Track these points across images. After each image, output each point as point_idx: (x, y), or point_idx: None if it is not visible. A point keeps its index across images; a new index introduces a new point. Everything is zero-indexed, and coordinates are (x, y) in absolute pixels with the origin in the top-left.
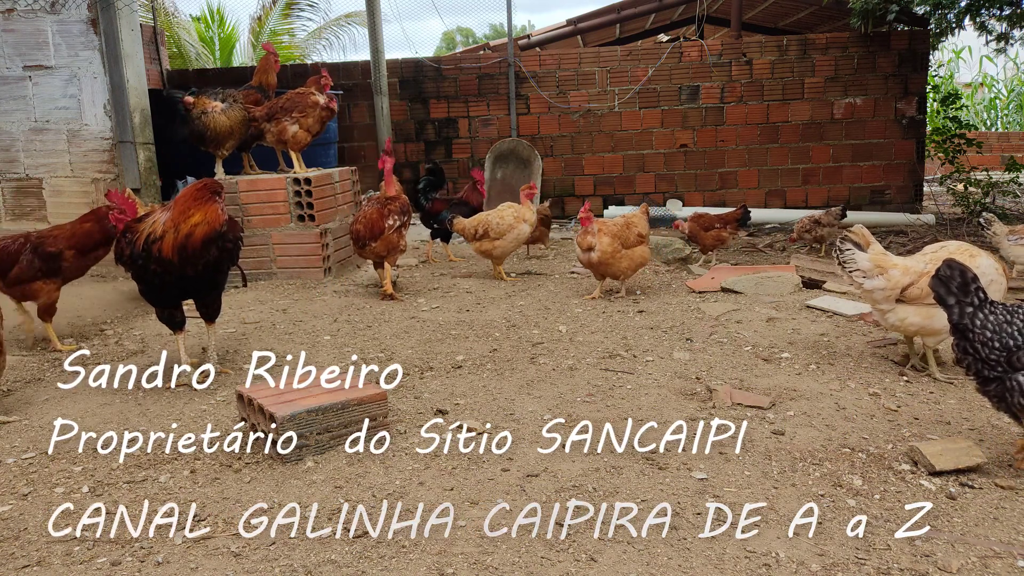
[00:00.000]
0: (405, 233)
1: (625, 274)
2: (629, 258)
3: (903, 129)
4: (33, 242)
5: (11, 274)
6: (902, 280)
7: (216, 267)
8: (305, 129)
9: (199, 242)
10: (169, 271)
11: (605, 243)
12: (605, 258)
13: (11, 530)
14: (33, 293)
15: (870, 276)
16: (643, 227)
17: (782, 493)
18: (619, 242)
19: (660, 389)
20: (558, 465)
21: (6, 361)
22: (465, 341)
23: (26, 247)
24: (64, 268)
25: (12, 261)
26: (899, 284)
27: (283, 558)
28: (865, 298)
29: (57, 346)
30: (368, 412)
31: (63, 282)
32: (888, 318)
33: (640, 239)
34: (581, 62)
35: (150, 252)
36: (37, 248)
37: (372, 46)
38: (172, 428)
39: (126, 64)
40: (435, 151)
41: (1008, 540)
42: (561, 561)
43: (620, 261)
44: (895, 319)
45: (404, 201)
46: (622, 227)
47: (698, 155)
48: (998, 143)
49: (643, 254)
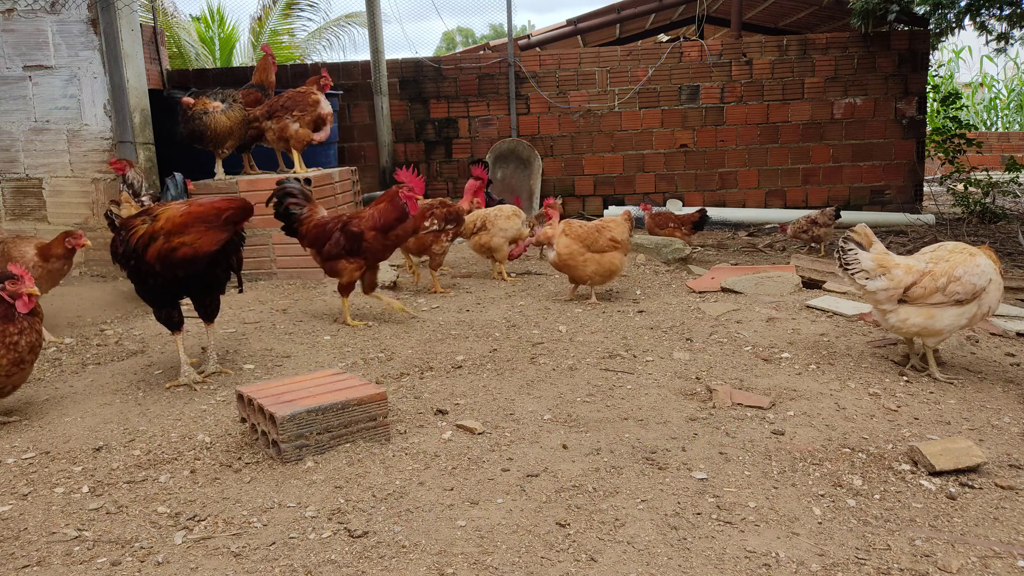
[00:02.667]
0: (445, 240)
1: (592, 279)
2: (597, 263)
3: (903, 129)
4: (344, 221)
5: (324, 249)
6: (905, 279)
7: (206, 274)
8: (306, 127)
9: (178, 259)
10: (159, 273)
11: (563, 244)
12: (563, 260)
13: (11, 530)
14: (337, 271)
15: (872, 276)
16: (619, 232)
17: (782, 493)
18: (582, 245)
19: (660, 389)
20: (558, 465)
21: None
22: (465, 341)
23: (337, 226)
24: (366, 249)
25: (326, 238)
26: (902, 284)
27: (283, 558)
28: (867, 299)
29: (348, 320)
30: (368, 412)
31: (365, 263)
32: (889, 319)
33: (613, 244)
34: (581, 62)
35: (140, 254)
36: (345, 227)
37: (372, 46)
38: (172, 428)
39: (126, 64)
40: (435, 151)
41: (1008, 540)
42: (561, 561)
43: (585, 265)
44: (896, 320)
45: (454, 209)
46: (591, 230)
47: (698, 155)
48: (998, 143)
49: (612, 260)
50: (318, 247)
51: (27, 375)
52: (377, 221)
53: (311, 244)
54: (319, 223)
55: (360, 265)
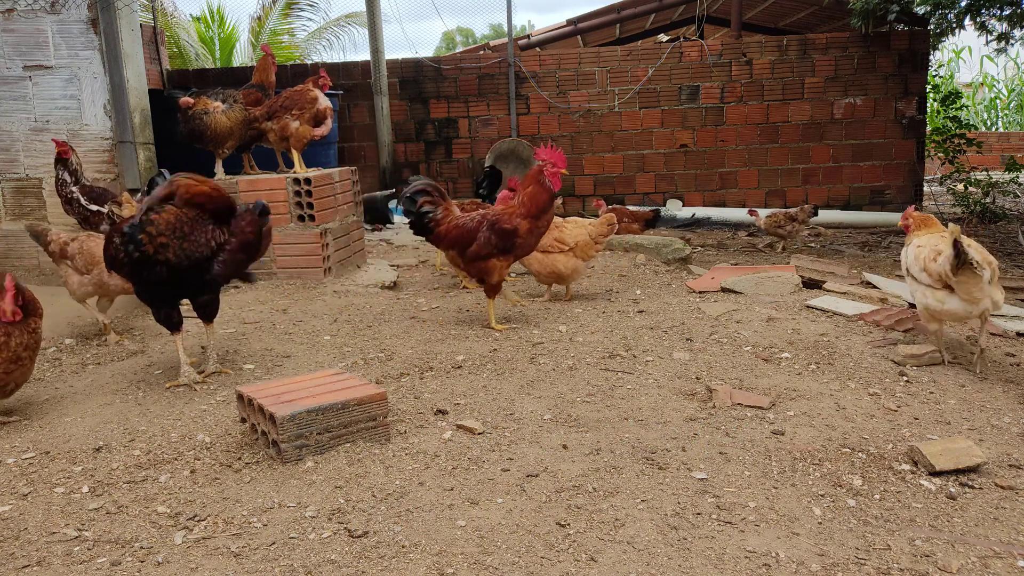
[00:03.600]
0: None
1: (539, 277)
2: (539, 261)
3: (903, 129)
4: (491, 220)
5: (469, 251)
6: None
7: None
8: (306, 124)
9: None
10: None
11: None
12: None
13: (11, 530)
14: (487, 270)
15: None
16: (572, 236)
17: (782, 493)
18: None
19: (660, 389)
20: (558, 465)
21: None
22: (465, 341)
23: (483, 225)
24: (520, 244)
25: (469, 239)
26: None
27: (283, 558)
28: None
29: (492, 324)
30: (368, 412)
31: (515, 259)
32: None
33: (559, 246)
34: (581, 62)
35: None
36: (494, 225)
37: (372, 46)
38: (172, 428)
39: (126, 64)
40: (435, 151)
41: (1008, 540)
42: (561, 561)
43: (529, 263)
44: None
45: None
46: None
47: (698, 155)
48: (998, 143)
49: (556, 263)
50: (460, 248)
51: (28, 374)
52: (529, 209)
53: (451, 246)
54: (459, 224)
55: (510, 262)
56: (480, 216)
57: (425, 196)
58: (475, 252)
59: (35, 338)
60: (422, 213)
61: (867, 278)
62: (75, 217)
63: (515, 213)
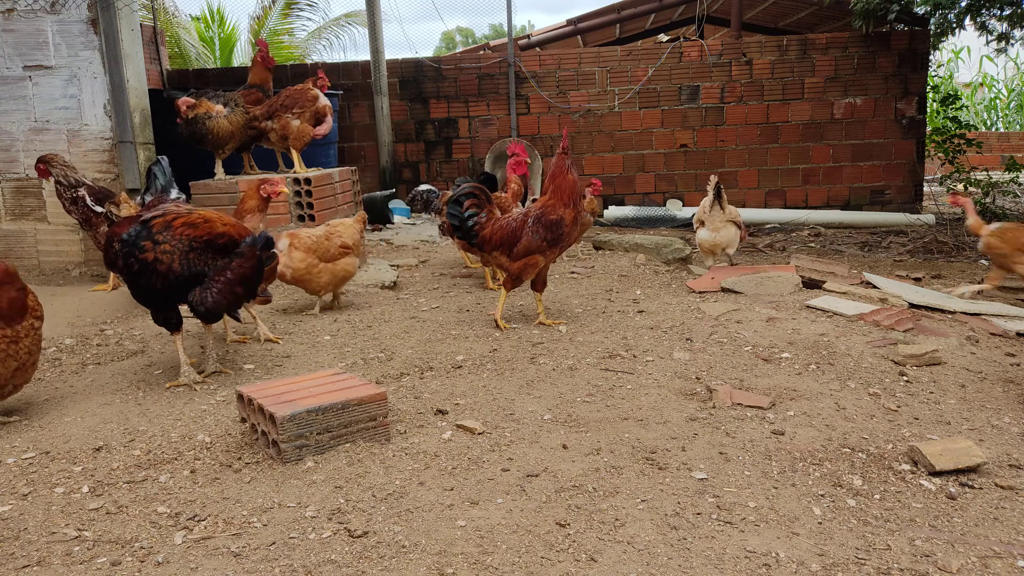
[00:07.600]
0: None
1: (325, 289)
2: (331, 272)
3: (903, 129)
4: (535, 215)
5: (517, 248)
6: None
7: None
8: (306, 122)
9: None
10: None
11: (297, 259)
12: (299, 275)
13: (11, 530)
14: (533, 265)
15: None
16: (349, 236)
17: (782, 493)
18: (315, 256)
19: (660, 389)
20: (558, 465)
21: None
22: (465, 341)
23: (527, 221)
24: (567, 233)
25: (516, 236)
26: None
27: (283, 558)
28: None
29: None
30: (368, 412)
31: (560, 251)
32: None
33: (344, 250)
34: (581, 62)
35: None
36: (540, 218)
37: (372, 46)
38: (172, 428)
39: (126, 64)
40: (435, 151)
41: (1008, 540)
42: (561, 561)
43: (319, 276)
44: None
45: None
46: (320, 238)
47: (698, 155)
48: (998, 143)
49: (347, 267)
50: (507, 248)
51: (30, 376)
52: (569, 198)
53: (496, 247)
54: (504, 225)
55: (556, 254)
56: (522, 214)
57: (471, 199)
58: (525, 247)
59: (36, 339)
60: (468, 218)
61: (867, 278)
62: (76, 217)
63: (555, 204)
